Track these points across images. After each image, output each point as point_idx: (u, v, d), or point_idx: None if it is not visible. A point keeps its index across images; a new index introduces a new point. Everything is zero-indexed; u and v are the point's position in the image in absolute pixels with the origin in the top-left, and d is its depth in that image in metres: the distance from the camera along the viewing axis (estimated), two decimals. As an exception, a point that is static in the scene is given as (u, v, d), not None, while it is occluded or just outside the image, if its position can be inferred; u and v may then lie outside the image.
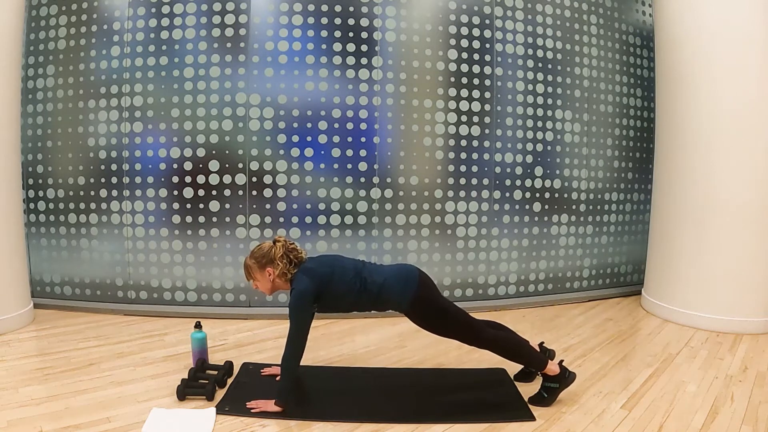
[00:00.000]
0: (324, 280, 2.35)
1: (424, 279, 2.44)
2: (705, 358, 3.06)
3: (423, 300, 2.39)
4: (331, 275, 2.37)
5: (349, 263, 2.48)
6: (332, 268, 2.41)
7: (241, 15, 3.62)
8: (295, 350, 2.29)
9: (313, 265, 2.43)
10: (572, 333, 3.52)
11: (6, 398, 2.39)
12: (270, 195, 3.71)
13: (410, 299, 2.37)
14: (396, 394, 2.56)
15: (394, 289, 2.37)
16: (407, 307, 2.40)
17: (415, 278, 2.40)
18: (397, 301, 2.38)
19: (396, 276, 2.40)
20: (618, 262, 4.58)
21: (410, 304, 2.38)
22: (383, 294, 2.37)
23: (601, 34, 4.29)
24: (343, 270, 2.41)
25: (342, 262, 2.48)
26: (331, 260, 2.50)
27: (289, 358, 2.29)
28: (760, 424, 2.27)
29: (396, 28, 3.77)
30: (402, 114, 3.82)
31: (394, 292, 2.37)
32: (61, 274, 3.86)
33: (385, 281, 2.37)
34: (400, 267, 2.52)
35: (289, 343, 2.29)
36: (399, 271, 2.44)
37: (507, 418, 2.31)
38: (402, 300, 2.37)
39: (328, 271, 2.38)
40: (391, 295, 2.37)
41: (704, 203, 3.59)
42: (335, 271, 2.39)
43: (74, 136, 3.73)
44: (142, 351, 3.04)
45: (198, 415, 2.27)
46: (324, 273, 2.37)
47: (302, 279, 2.34)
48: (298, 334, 2.29)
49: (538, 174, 4.14)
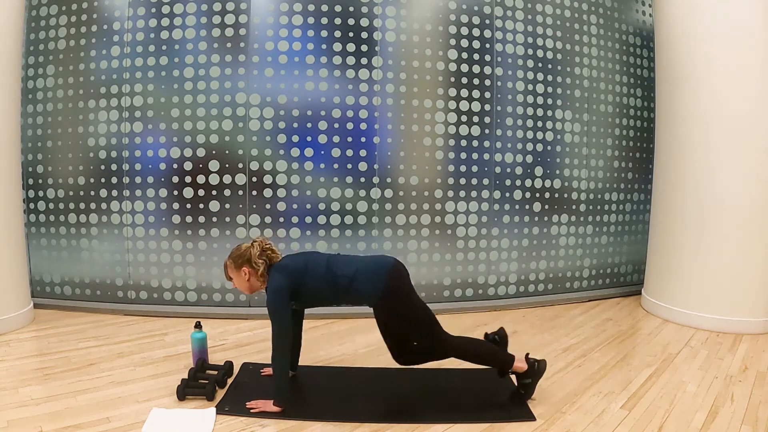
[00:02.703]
0: (297, 276, 2.34)
1: (396, 273, 2.37)
2: (705, 358, 3.06)
3: (391, 295, 2.34)
4: (304, 270, 2.37)
5: (321, 257, 2.46)
6: (305, 263, 2.40)
7: (241, 15, 3.62)
8: (280, 348, 2.29)
9: (287, 262, 2.43)
10: (572, 333, 3.52)
11: (6, 398, 2.39)
12: (270, 195, 3.71)
13: (378, 294, 2.33)
14: (396, 394, 2.56)
15: (363, 283, 2.33)
16: (375, 302, 2.35)
17: (385, 271, 2.35)
18: (366, 296, 2.35)
19: (366, 269, 2.36)
20: (618, 262, 4.58)
21: (378, 299, 2.34)
22: (353, 286, 2.34)
23: (601, 34, 4.29)
24: (315, 265, 2.40)
25: (314, 257, 2.47)
26: (304, 256, 2.50)
27: (277, 358, 2.29)
28: (760, 424, 2.27)
29: (396, 28, 3.77)
30: (402, 114, 3.82)
31: (363, 285, 2.33)
32: (61, 274, 3.86)
33: (356, 274, 2.34)
34: (372, 260, 2.46)
35: (274, 343, 2.30)
36: (370, 264, 2.40)
37: (507, 418, 2.32)
38: (370, 294, 2.34)
39: (301, 267, 2.38)
40: (360, 289, 2.34)
41: (704, 203, 3.59)
42: (308, 266, 2.38)
43: (74, 136, 3.73)
44: (142, 351, 3.05)
45: (198, 415, 2.27)
46: (297, 269, 2.37)
47: (276, 276, 2.35)
48: (279, 331, 2.29)
49: (538, 174, 4.14)
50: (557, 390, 2.60)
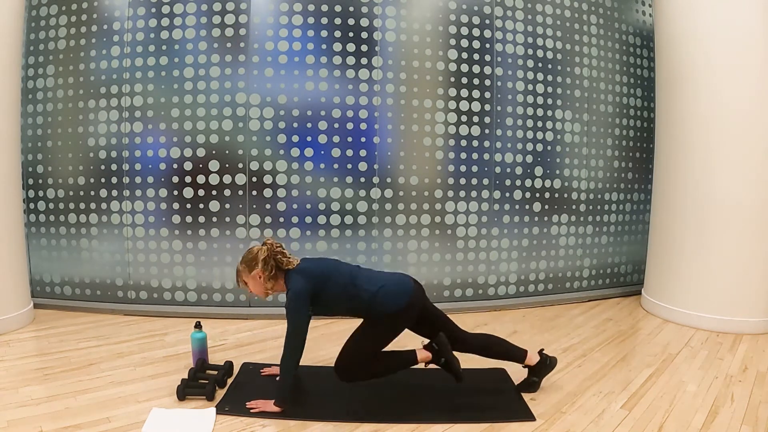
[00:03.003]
0: (319, 282, 2.35)
1: (418, 292, 2.44)
2: (705, 358, 3.06)
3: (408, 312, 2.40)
4: (327, 278, 2.37)
5: (345, 268, 2.48)
6: (328, 270, 2.41)
7: (241, 15, 3.62)
8: (293, 351, 2.29)
9: (309, 266, 2.43)
10: (572, 333, 3.52)
11: (6, 398, 2.39)
12: (270, 195, 3.71)
13: (397, 310, 2.36)
14: (396, 394, 2.56)
15: (386, 298, 2.36)
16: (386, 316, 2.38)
17: (408, 290, 2.41)
18: (387, 311, 2.37)
19: (389, 285, 2.40)
20: (618, 262, 4.58)
21: (394, 315, 2.37)
22: (376, 302, 2.36)
23: (601, 34, 4.29)
24: (338, 274, 2.41)
25: (338, 267, 2.48)
26: (328, 263, 2.50)
27: (287, 359, 2.29)
28: (760, 424, 2.27)
29: (396, 28, 3.77)
30: (402, 114, 3.82)
31: (385, 301, 2.36)
32: (61, 274, 3.86)
33: (379, 290, 2.36)
34: (394, 277, 2.50)
35: (287, 344, 2.28)
36: (393, 281, 2.44)
37: (507, 418, 2.32)
38: (390, 310, 2.36)
39: (324, 273, 2.38)
40: (382, 304, 2.36)
41: (704, 203, 3.59)
42: (331, 275, 2.39)
43: (74, 136, 3.73)
44: (142, 351, 3.05)
45: (198, 415, 2.27)
46: (320, 274, 2.37)
47: (297, 279, 2.34)
48: (295, 334, 2.29)
49: (538, 174, 4.14)
50: (557, 390, 2.60)
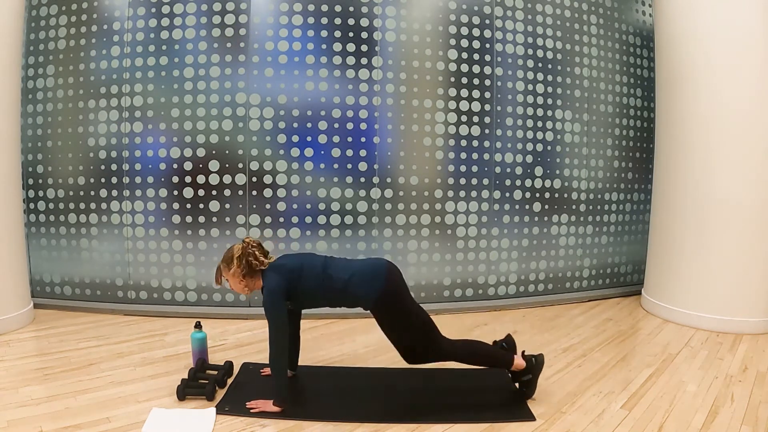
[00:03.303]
0: (293, 277, 2.35)
1: (392, 275, 2.38)
2: (705, 358, 3.06)
3: (388, 297, 2.34)
4: (300, 271, 2.37)
5: (318, 259, 2.47)
6: (301, 264, 2.41)
7: (241, 15, 3.62)
8: (278, 348, 2.29)
9: (283, 262, 2.44)
10: (572, 333, 3.52)
11: (6, 398, 2.39)
12: (270, 195, 3.71)
13: (375, 297, 2.33)
14: (396, 394, 2.56)
15: (359, 285, 2.34)
16: (372, 305, 2.35)
17: (382, 274, 2.35)
18: (362, 298, 2.35)
19: (362, 272, 2.37)
20: (618, 262, 4.58)
21: (375, 302, 2.34)
22: (349, 290, 2.34)
23: (601, 34, 4.29)
24: (311, 266, 2.40)
25: (311, 259, 2.47)
26: (300, 257, 2.51)
27: (275, 358, 2.29)
28: (760, 424, 2.27)
29: (396, 28, 3.77)
30: (402, 114, 3.82)
31: (359, 288, 2.34)
32: (61, 274, 3.86)
33: (351, 277, 2.35)
34: (367, 263, 2.47)
35: (271, 343, 2.29)
36: (366, 267, 2.40)
37: (507, 418, 2.32)
38: (367, 297, 2.34)
39: (297, 267, 2.38)
40: (356, 292, 2.34)
41: (704, 203, 3.59)
42: (304, 267, 2.39)
43: (74, 136, 3.73)
44: (142, 351, 3.05)
45: (198, 415, 2.27)
46: (293, 269, 2.37)
47: (272, 276, 2.35)
48: (276, 331, 2.29)
49: (538, 174, 4.14)
50: (557, 390, 2.60)
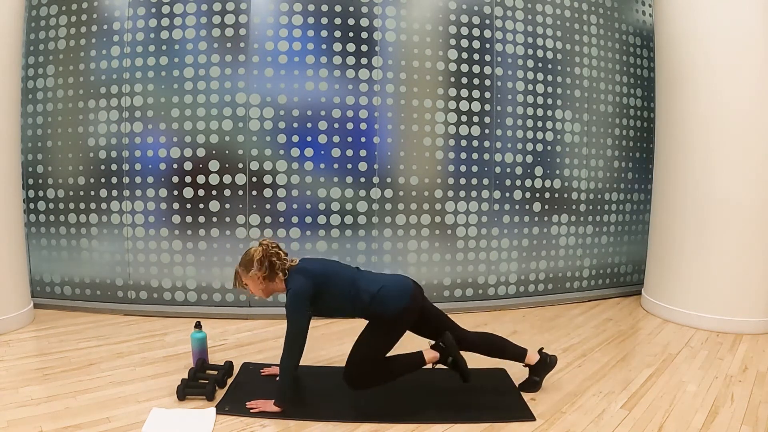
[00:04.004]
0: (320, 282, 2.35)
1: (417, 295, 2.42)
2: (705, 358, 3.06)
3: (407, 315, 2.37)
4: (328, 278, 2.38)
5: (346, 270, 2.48)
6: (329, 271, 2.41)
7: (241, 15, 3.62)
8: (293, 351, 2.28)
9: (310, 266, 2.43)
10: (572, 333, 3.52)
11: (6, 398, 2.39)
12: (270, 195, 3.71)
13: (396, 313, 2.35)
14: (396, 394, 2.56)
15: (385, 300, 2.34)
16: (388, 320, 2.36)
17: (408, 293, 2.38)
18: (385, 313, 2.35)
19: (389, 288, 2.38)
20: (618, 262, 4.58)
21: (393, 318, 2.36)
22: (374, 304, 2.35)
23: (601, 34, 4.29)
24: (339, 276, 2.41)
25: (339, 268, 2.48)
26: (328, 264, 2.51)
27: (287, 359, 2.28)
28: (760, 424, 2.27)
29: (396, 28, 3.77)
30: (402, 114, 3.82)
31: (384, 303, 2.34)
32: (61, 274, 3.86)
33: (378, 292, 2.35)
34: (394, 279, 2.49)
35: (287, 344, 2.28)
36: (393, 283, 2.42)
37: (507, 418, 2.32)
38: (390, 312, 2.34)
39: (324, 274, 2.39)
40: (381, 306, 2.35)
41: (704, 203, 3.59)
42: (332, 276, 2.39)
43: (74, 136, 3.73)
44: (142, 351, 3.05)
45: (198, 415, 2.27)
46: (320, 275, 2.37)
47: (298, 279, 2.34)
48: (296, 334, 2.28)
49: (538, 174, 4.14)
50: (557, 390, 2.60)
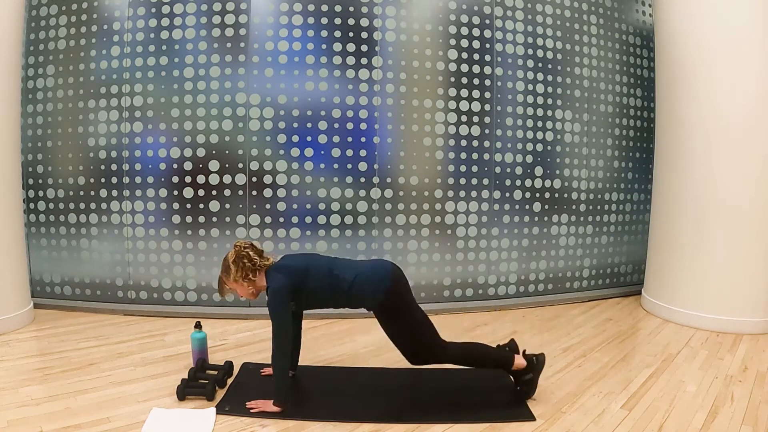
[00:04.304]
0: (299, 277, 2.36)
1: (397, 276, 2.39)
2: (705, 358, 3.06)
3: (393, 298, 2.34)
4: (306, 271, 2.38)
5: (323, 260, 2.48)
6: (306, 264, 2.42)
7: (241, 15, 3.62)
8: (281, 348, 2.29)
9: (288, 262, 2.45)
10: (572, 333, 3.52)
11: (6, 398, 2.39)
12: (270, 195, 3.71)
13: (381, 297, 2.33)
14: (396, 394, 2.56)
15: (364, 286, 2.34)
16: (377, 305, 2.35)
17: (387, 275, 2.36)
18: (368, 299, 2.35)
19: (367, 273, 2.38)
20: (618, 262, 4.58)
21: (380, 303, 2.34)
22: (353, 290, 2.35)
23: (601, 34, 4.29)
24: (316, 267, 2.41)
25: (316, 260, 2.49)
26: (305, 258, 2.53)
27: (277, 357, 2.29)
28: (760, 424, 2.27)
29: (396, 28, 3.77)
30: (402, 114, 3.82)
31: (364, 289, 2.34)
32: (61, 274, 3.86)
33: (356, 278, 2.35)
34: (373, 263, 2.50)
35: (275, 342, 2.29)
36: (371, 268, 2.42)
37: (507, 418, 2.32)
38: (373, 297, 2.34)
39: (302, 268, 2.39)
40: (361, 292, 2.35)
41: (704, 203, 3.59)
42: (309, 268, 2.40)
43: (74, 136, 3.73)
44: (142, 351, 3.05)
45: (198, 415, 2.27)
46: (298, 269, 2.38)
47: (276, 276, 2.35)
48: (280, 331, 2.29)
49: (538, 174, 4.14)
50: (557, 390, 2.60)
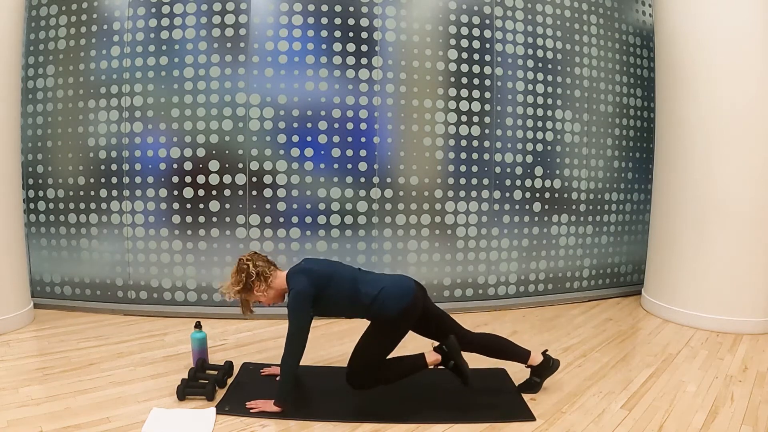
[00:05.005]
0: (322, 283, 2.35)
1: (419, 294, 2.41)
2: (705, 358, 3.06)
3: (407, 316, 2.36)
4: (329, 279, 2.38)
5: (347, 270, 2.49)
6: (331, 272, 2.42)
7: (241, 15, 3.62)
8: (294, 350, 2.28)
9: (312, 266, 2.44)
10: (572, 333, 3.52)
11: (6, 398, 2.39)
12: (270, 195, 3.71)
13: (397, 314, 2.34)
14: (396, 394, 2.56)
15: (386, 302, 2.34)
16: (387, 319, 2.36)
17: (409, 293, 2.38)
18: (386, 314, 2.35)
19: (390, 288, 2.37)
20: (618, 262, 4.58)
21: (394, 319, 2.35)
22: (375, 305, 2.35)
23: (601, 34, 4.29)
24: (340, 276, 2.41)
25: (341, 268, 2.49)
26: (330, 265, 2.52)
27: (288, 359, 2.28)
28: (760, 424, 2.27)
29: (396, 28, 3.77)
30: (402, 114, 3.82)
31: (385, 304, 2.34)
32: (61, 274, 3.86)
33: (380, 293, 2.35)
34: (396, 279, 2.49)
35: (289, 344, 2.28)
36: (395, 284, 2.42)
37: (507, 418, 2.32)
38: (391, 314, 2.34)
39: (326, 274, 2.39)
40: (382, 308, 2.34)
41: (704, 203, 3.59)
42: (333, 276, 2.40)
43: (74, 136, 3.73)
44: (142, 351, 3.05)
45: (198, 415, 2.27)
46: (322, 275, 2.38)
47: (300, 279, 2.35)
48: (297, 334, 2.29)
49: (538, 174, 4.14)
50: (557, 390, 2.60)
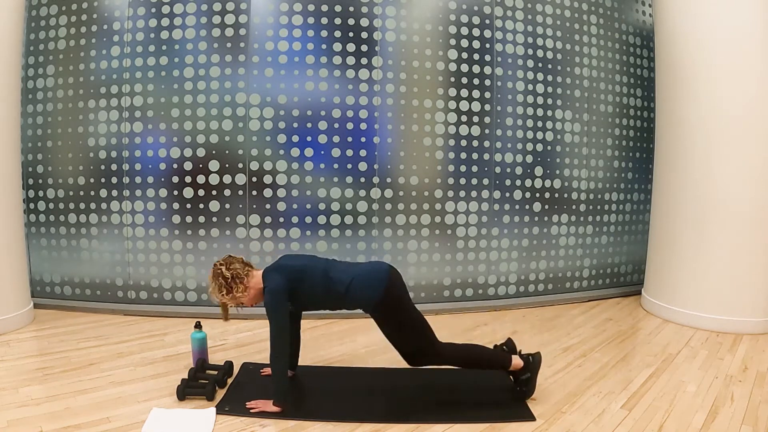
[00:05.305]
0: (295, 277, 2.36)
1: (394, 279, 2.38)
2: (705, 358, 3.06)
3: (389, 300, 2.34)
4: (302, 272, 2.38)
5: (320, 262, 2.48)
6: (303, 265, 2.43)
7: (241, 15, 3.62)
8: (279, 348, 2.29)
9: (286, 262, 2.46)
10: (572, 333, 3.52)
11: (6, 398, 2.39)
12: (270, 195, 3.71)
13: (376, 300, 2.33)
14: (396, 394, 2.56)
15: (360, 289, 2.34)
16: (372, 307, 2.35)
17: (383, 278, 2.35)
18: (364, 301, 2.35)
19: (363, 276, 2.37)
20: (618, 262, 4.58)
21: (375, 305, 2.34)
22: (350, 294, 2.35)
23: (601, 34, 4.29)
24: (313, 268, 2.42)
25: (313, 261, 2.49)
26: (302, 258, 2.53)
27: (275, 358, 2.29)
28: (760, 424, 2.27)
29: (396, 28, 3.77)
30: (402, 114, 3.82)
31: (361, 292, 2.34)
32: (61, 274, 3.86)
33: (352, 281, 2.35)
34: (369, 266, 2.48)
35: (272, 343, 2.30)
36: (367, 271, 2.41)
37: (507, 418, 2.32)
38: (368, 300, 2.34)
39: (299, 268, 2.40)
40: (357, 295, 2.34)
41: (704, 203, 3.59)
42: (306, 269, 2.40)
43: (74, 136, 3.73)
44: (142, 351, 3.05)
45: (198, 415, 2.27)
46: (294, 270, 2.38)
47: (274, 277, 2.36)
48: (278, 331, 2.29)
49: (538, 174, 4.14)
50: (557, 390, 2.61)
